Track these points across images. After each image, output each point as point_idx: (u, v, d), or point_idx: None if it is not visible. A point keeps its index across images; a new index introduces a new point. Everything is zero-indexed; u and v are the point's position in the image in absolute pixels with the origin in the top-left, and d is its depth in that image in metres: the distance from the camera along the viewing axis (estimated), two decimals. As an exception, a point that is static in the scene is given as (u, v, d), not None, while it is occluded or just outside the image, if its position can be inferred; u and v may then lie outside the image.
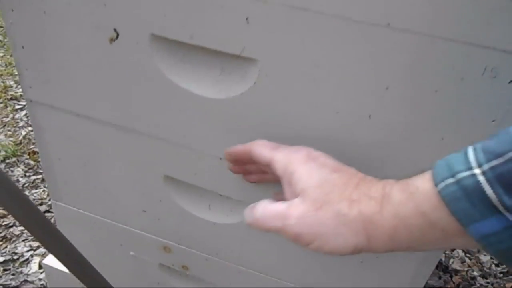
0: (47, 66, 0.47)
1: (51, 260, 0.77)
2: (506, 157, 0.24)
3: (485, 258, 1.33)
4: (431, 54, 0.34)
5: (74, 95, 0.48)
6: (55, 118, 0.52)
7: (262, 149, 0.37)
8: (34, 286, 1.26)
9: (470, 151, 0.26)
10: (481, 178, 0.25)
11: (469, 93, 0.35)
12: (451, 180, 0.26)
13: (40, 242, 0.44)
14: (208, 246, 0.56)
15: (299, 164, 0.34)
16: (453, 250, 1.35)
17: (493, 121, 0.35)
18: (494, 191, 0.25)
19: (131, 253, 0.63)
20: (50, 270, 0.76)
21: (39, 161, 1.72)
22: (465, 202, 0.26)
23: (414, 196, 0.28)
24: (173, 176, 0.51)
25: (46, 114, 0.52)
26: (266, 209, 0.34)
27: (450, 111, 0.36)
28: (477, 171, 0.25)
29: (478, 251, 1.33)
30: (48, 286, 1.27)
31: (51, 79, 0.48)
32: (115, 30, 0.42)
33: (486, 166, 0.25)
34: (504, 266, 1.29)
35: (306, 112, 0.40)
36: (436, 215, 0.27)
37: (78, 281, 0.75)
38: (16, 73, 0.52)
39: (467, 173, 0.26)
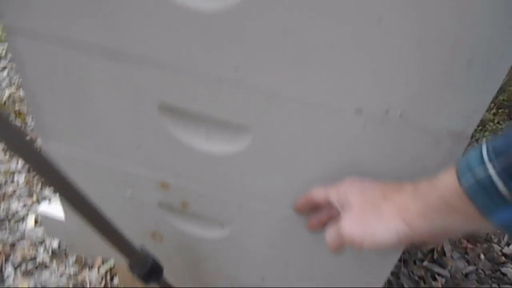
0: (22, -16, 0.43)
1: (46, 207, 0.75)
2: (510, 153, 0.28)
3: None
4: None
5: (55, 15, 0.44)
6: (37, 47, 0.48)
7: (319, 193, 0.47)
8: (32, 241, 1.26)
9: (484, 149, 0.31)
10: (492, 172, 0.29)
11: None
12: (470, 175, 0.31)
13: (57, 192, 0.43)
14: (207, 180, 0.54)
15: (346, 189, 0.43)
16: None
17: None
18: (504, 184, 0.29)
19: (128, 194, 0.61)
20: (46, 218, 0.74)
21: (26, 122, 1.68)
22: (482, 194, 0.30)
23: (437, 187, 0.34)
24: (168, 103, 0.48)
25: (27, 43, 0.48)
26: (329, 232, 0.45)
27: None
28: (488, 166, 0.30)
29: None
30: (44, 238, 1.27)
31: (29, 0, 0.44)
32: None
33: (496, 161, 0.29)
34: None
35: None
36: (457, 202, 0.32)
37: (74, 228, 0.73)
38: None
39: (481, 168, 0.30)
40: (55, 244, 1.26)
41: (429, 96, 0.39)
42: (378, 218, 0.38)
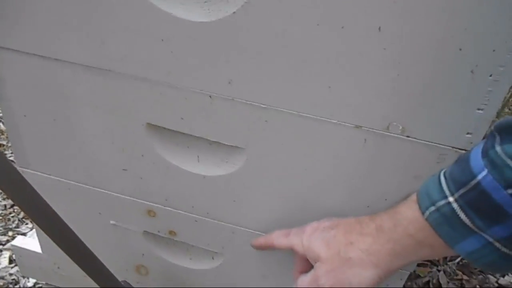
0: (5, -3, 0.41)
1: (21, 241, 0.70)
2: (469, 186, 0.30)
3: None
4: None
5: (37, 32, 0.42)
6: (18, 65, 0.45)
7: (280, 240, 0.46)
8: (5, 281, 1.17)
9: (443, 180, 0.33)
10: (455, 206, 0.31)
11: None
12: (433, 208, 0.32)
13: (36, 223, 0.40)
14: (197, 205, 0.51)
15: (309, 240, 0.42)
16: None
17: None
18: (466, 216, 0.30)
19: (111, 221, 0.57)
20: (20, 251, 0.69)
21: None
22: (447, 226, 0.32)
23: (401, 222, 0.35)
24: (156, 123, 0.45)
25: (7, 59, 0.45)
26: (300, 282, 0.43)
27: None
28: (451, 199, 0.31)
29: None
30: (19, 273, 1.19)
31: (8, 15, 0.42)
32: None
33: (456, 195, 0.31)
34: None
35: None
36: (422, 235, 0.34)
37: (51, 262, 0.68)
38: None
39: (444, 201, 0.32)
40: (30, 284, 1.18)
41: (431, 111, 0.38)
42: (350, 268, 0.38)
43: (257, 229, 0.51)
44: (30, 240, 0.70)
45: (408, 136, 0.39)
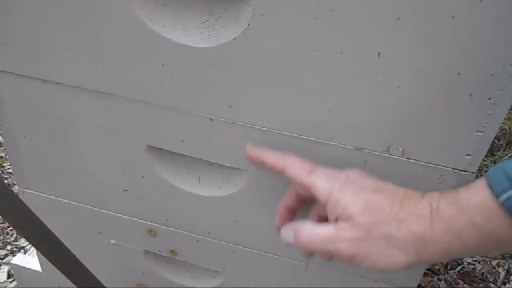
0: (3, 23, 0.41)
1: (21, 260, 0.69)
2: None
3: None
4: None
5: (37, 57, 0.42)
6: (18, 88, 0.46)
7: (299, 172, 0.37)
8: (4, 296, 1.16)
9: None
10: None
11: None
12: None
13: (28, 240, 0.40)
14: (198, 225, 0.51)
15: (341, 191, 0.34)
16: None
17: None
18: None
19: (112, 241, 0.57)
20: (20, 270, 0.69)
21: (1, 171, 1.60)
22: None
23: (465, 210, 0.29)
24: (157, 145, 0.45)
25: (7, 83, 0.46)
26: (313, 233, 0.34)
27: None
28: None
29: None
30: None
31: (9, 40, 0.42)
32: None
33: None
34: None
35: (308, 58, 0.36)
36: (493, 225, 0.28)
37: (50, 280, 0.68)
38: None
39: None
40: (29, 298, 1.17)
41: (431, 133, 0.38)
42: (387, 244, 0.32)
43: (258, 248, 0.51)
44: (30, 258, 0.70)
45: (408, 158, 0.39)
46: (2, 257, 1.28)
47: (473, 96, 0.35)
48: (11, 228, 1.34)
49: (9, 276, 1.22)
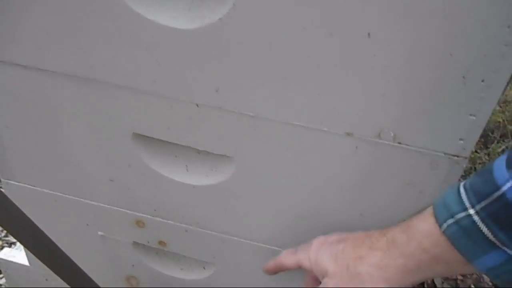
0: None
1: (7, 254, 0.68)
2: (492, 197, 0.28)
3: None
4: None
5: (16, 42, 0.41)
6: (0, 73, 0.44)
7: (288, 258, 0.44)
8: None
9: (462, 191, 0.30)
10: (476, 218, 0.29)
11: None
12: (451, 221, 0.30)
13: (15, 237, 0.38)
14: (187, 215, 0.50)
15: (317, 254, 0.41)
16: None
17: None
18: (489, 229, 0.28)
19: (99, 233, 0.56)
20: (7, 264, 0.67)
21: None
22: (466, 240, 0.30)
23: (415, 236, 0.33)
24: (143, 132, 0.44)
25: (-13, 69, 0.44)
26: None
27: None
28: (471, 211, 0.29)
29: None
30: (6, 286, 1.17)
31: (-12, 23, 0.40)
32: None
33: (478, 207, 0.29)
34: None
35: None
36: (438, 250, 0.32)
37: (39, 274, 0.66)
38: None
39: (464, 214, 0.30)
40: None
41: (423, 117, 0.37)
42: (359, 283, 0.37)
43: (248, 238, 0.50)
44: (17, 252, 0.68)
45: (400, 143, 0.38)
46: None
47: (466, 78, 0.34)
48: (1, 223, 1.32)
49: (-1, 271, 1.21)
